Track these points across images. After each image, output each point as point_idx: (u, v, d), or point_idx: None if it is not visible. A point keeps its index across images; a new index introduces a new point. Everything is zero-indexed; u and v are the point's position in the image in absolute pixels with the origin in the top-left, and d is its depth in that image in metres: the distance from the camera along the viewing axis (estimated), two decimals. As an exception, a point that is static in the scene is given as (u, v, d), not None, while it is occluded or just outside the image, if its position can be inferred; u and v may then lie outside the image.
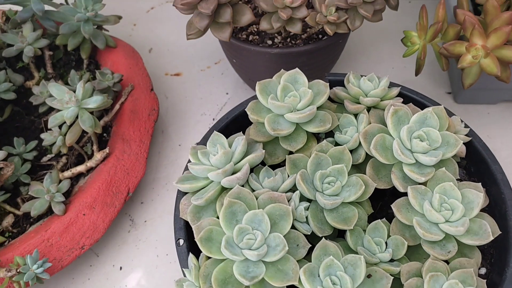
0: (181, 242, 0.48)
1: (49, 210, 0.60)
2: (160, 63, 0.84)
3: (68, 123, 0.58)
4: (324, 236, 0.43)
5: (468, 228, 0.42)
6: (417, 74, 0.63)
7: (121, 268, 0.62)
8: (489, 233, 0.42)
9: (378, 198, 0.51)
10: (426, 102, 0.55)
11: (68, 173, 0.64)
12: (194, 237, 0.42)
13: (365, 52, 0.82)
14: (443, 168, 0.45)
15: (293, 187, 0.47)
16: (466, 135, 0.52)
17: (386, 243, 0.45)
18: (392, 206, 0.45)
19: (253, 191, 0.46)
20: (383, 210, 0.52)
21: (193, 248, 0.47)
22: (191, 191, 0.49)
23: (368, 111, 0.52)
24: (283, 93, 0.51)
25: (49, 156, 0.67)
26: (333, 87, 0.55)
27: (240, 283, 0.40)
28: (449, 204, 0.43)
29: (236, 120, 0.56)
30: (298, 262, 0.41)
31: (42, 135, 0.64)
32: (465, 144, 0.52)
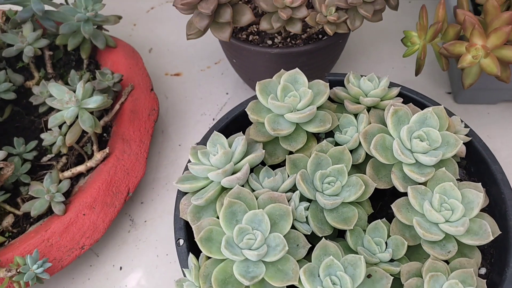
0: (181, 242, 0.48)
1: (49, 210, 0.60)
2: (160, 63, 0.84)
3: (68, 123, 0.58)
4: (324, 236, 0.43)
5: (468, 228, 0.42)
6: (417, 74, 0.63)
7: (121, 268, 0.62)
8: (489, 233, 0.42)
9: (378, 198, 0.51)
10: (426, 102, 0.55)
11: (68, 173, 0.64)
12: (194, 237, 0.42)
13: (365, 52, 0.82)
14: (443, 168, 0.45)
15: (293, 187, 0.47)
16: (466, 135, 0.52)
17: (386, 243, 0.45)
18: (392, 206, 0.45)
19: (253, 191, 0.46)
20: (383, 210, 0.52)
21: (193, 248, 0.47)
22: (191, 191, 0.49)
23: (368, 111, 0.52)
24: (283, 93, 0.51)
25: (49, 156, 0.67)
26: (333, 87, 0.55)
27: (240, 283, 0.40)
28: (449, 204, 0.43)
29: (236, 120, 0.56)
30: (298, 262, 0.41)
31: (42, 135, 0.64)
32: (465, 144, 0.52)
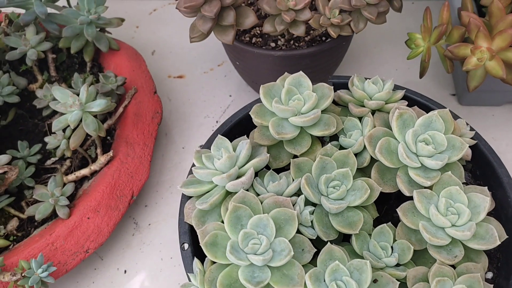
0: (186, 247, 0.48)
1: (54, 214, 0.60)
2: (163, 66, 0.84)
3: (72, 127, 0.58)
4: (329, 241, 0.43)
5: (475, 233, 0.42)
6: (422, 77, 0.63)
7: (126, 272, 0.62)
8: (496, 238, 0.41)
9: (383, 202, 0.51)
10: (431, 105, 0.55)
11: (72, 177, 0.64)
12: (199, 242, 0.42)
13: (368, 54, 0.82)
14: (449, 172, 0.45)
15: (298, 191, 0.47)
16: (472, 138, 0.52)
17: (392, 248, 0.44)
18: (398, 210, 0.45)
19: (258, 196, 0.46)
20: (388, 214, 0.52)
21: (198, 252, 0.47)
22: (196, 195, 0.49)
23: (373, 114, 0.52)
24: (287, 97, 0.50)
25: (53, 160, 0.67)
26: (337, 90, 0.55)
27: (246, 288, 0.40)
28: (455, 208, 0.43)
29: (240, 123, 0.56)
30: (304, 267, 0.41)
31: (46, 139, 0.64)
32: (471, 147, 0.52)
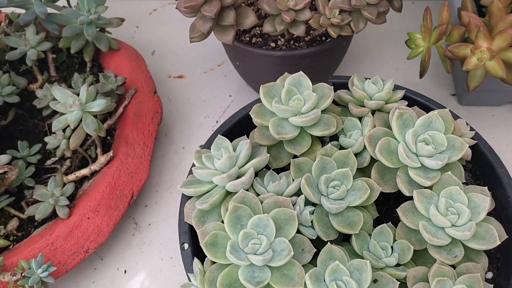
0: (186, 247, 0.48)
1: (54, 214, 0.60)
2: (163, 65, 0.84)
3: (72, 127, 0.58)
4: (329, 241, 0.43)
5: (475, 233, 0.42)
6: (422, 77, 0.63)
7: (126, 272, 0.62)
8: (496, 238, 0.41)
9: (383, 202, 0.51)
10: (431, 105, 0.55)
11: (72, 177, 0.64)
12: (199, 242, 0.42)
13: (368, 54, 0.82)
14: (449, 172, 0.45)
15: (298, 191, 0.47)
16: (472, 138, 0.52)
17: (392, 248, 0.44)
18: (398, 210, 0.45)
19: (258, 196, 0.46)
20: (388, 214, 0.52)
21: (198, 252, 0.47)
22: (196, 195, 0.49)
23: (373, 114, 0.52)
24: (287, 97, 0.50)
25: (53, 160, 0.67)
26: (337, 90, 0.55)
27: (246, 288, 0.40)
28: (455, 208, 0.43)
29: (240, 123, 0.56)
30: (304, 267, 0.41)
31: (46, 139, 0.64)
32: (471, 147, 0.52)
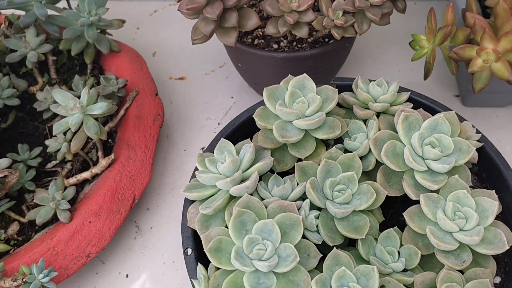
0: (189, 252, 0.48)
1: (55, 218, 0.60)
2: (164, 67, 0.83)
3: (73, 130, 0.57)
4: (335, 245, 0.43)
5: (483, 237, 0.41)
6: (426, 78, 0.62)
7: (127, 276, 0.62)
8: (505, 242, 0.41)
9: (389, 205, 0.50)
10: (437, 107, 0.54)
11: (73, 180, 0.63)
12: (203, 247, 0.42)
13: (371, 55, 0.82)
14: (456, 176, 0.44)
15: (303, 195, 0.46)
16: (478, 141, 0.51)
17: (399, 252, 0.44)
18: (404, 215, 0.44)
19: (262, 200, 0.45)
20: (394, 218, 0.51)
21: (202, 257, 0.46)
22: (199, 200, 0.49)
23: (378, 117, 0.51)
24: (291, 99, 0.50)
25: (54, 163, 0.66)
26: (341, 92, 0.54)
27: (251, 295, 0.40)
28: (463, 213, 0.42)
29: (243, 126, 0.56)
30: (309, 273, 0.41)
31: (47, 142, 0.63)
32: (477, 150, 0.51)
